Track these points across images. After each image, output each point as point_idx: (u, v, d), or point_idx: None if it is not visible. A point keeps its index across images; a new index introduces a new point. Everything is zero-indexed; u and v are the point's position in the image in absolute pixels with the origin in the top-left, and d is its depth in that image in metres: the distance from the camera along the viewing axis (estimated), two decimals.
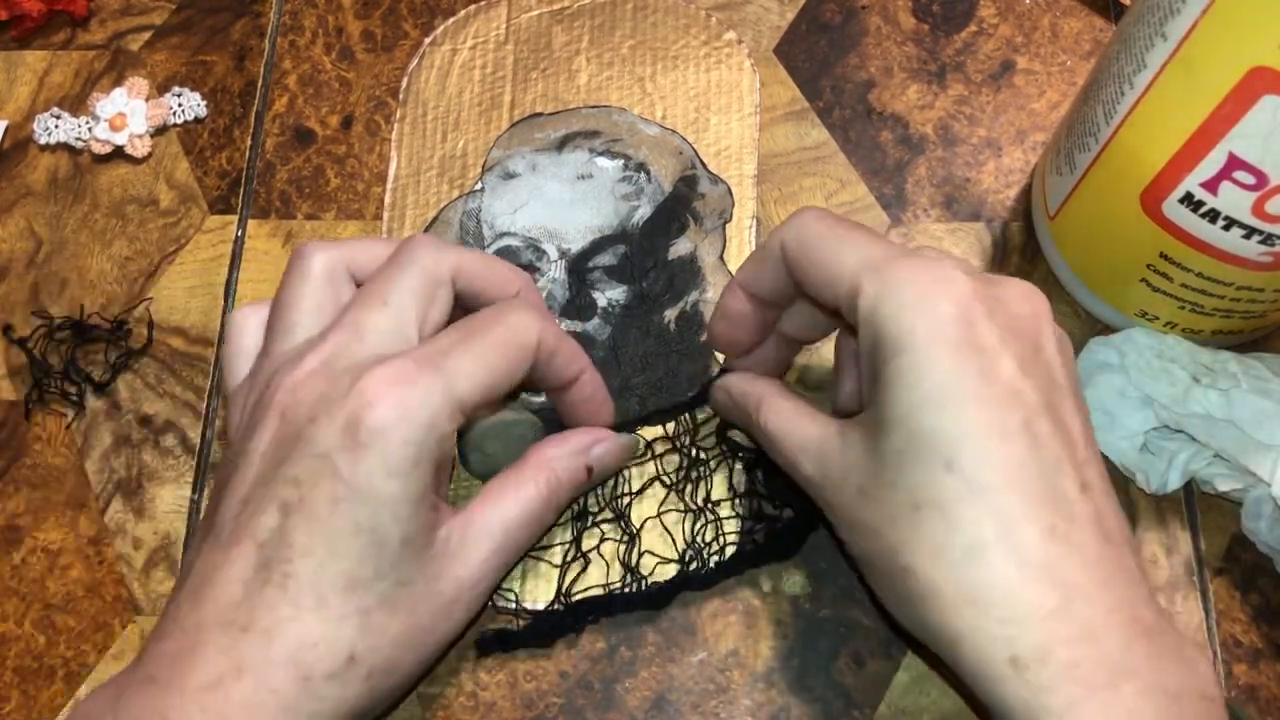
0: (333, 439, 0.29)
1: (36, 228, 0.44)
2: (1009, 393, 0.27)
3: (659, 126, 0.44)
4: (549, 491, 0.34)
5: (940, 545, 0.27)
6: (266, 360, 0.32)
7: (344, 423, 0.29)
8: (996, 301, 0.28)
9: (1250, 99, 0.28)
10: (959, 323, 0.27)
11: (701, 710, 0.36)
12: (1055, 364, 0.29)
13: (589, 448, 0.35)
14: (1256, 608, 0.36)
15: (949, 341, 0.27)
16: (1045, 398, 0.28)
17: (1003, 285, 0.29)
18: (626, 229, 0.42)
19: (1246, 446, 0.35)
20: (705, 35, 0.46)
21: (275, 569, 0.28)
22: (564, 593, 0.37)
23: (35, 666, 0.38)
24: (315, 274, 0.33)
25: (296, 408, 0.30)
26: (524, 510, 0.33)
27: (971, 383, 0.27)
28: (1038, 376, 0.28)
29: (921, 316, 0.27)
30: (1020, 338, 0.28)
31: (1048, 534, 0.26)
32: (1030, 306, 0.29)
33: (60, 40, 0.48)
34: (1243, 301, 0.35)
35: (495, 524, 0.32)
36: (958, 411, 0.27)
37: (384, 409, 0.29)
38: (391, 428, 0.29)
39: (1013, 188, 0.43)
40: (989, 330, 0.27)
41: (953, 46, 0.45)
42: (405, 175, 0.44)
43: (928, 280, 0.28)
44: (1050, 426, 0.27)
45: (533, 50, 0.46)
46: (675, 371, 0.40)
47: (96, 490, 0.40)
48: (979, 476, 0.27)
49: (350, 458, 0.28)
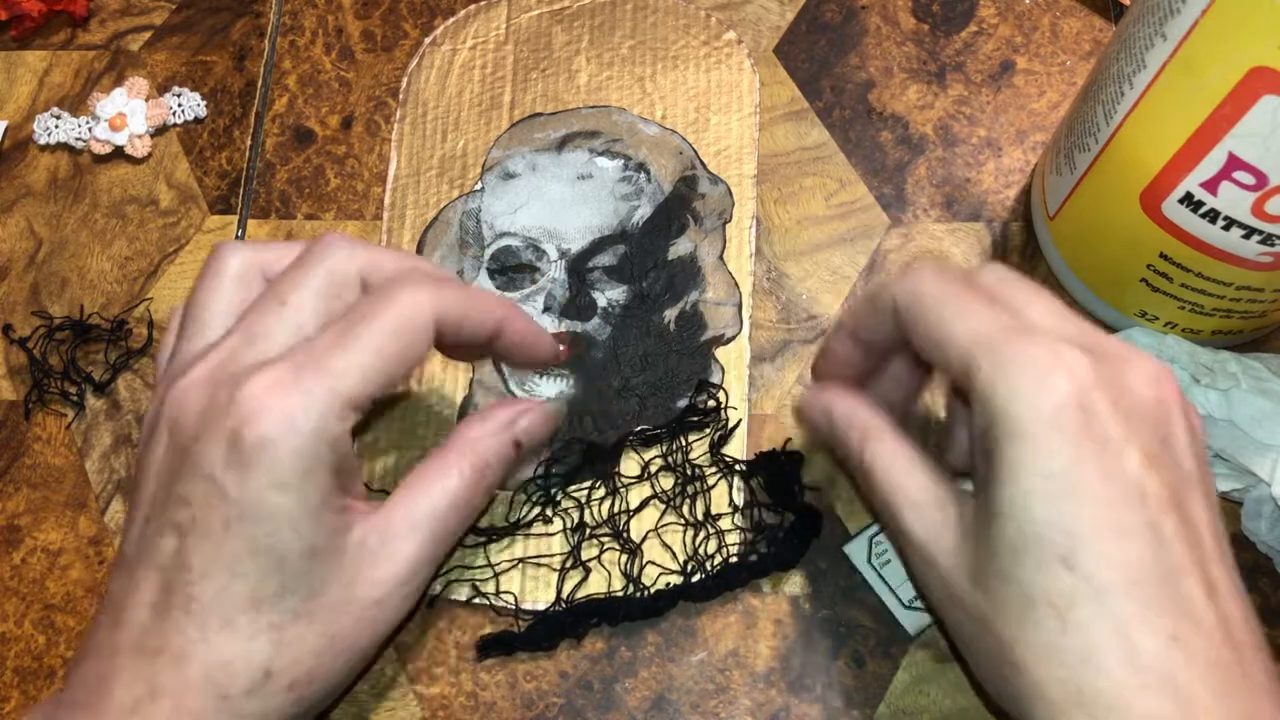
0: (217, 458, 0.28)
1: (36, 228, 0.44)
2: (1132, 489, 0.26)
3: (659, 126, 0.44)
4: (475, 476, 0.32)
5: (1053, 646, 0.26)
6: (171, 364, 0.31)
7: (226, 439, 0.28)
8: (1120, 387, 0.27)
9: (1250, 99, 0.28)
10: (1079, 411, 0.26)
11: (701, 710, 0.36)
12: (1184, 454, 0.27)
13: (514, 421, 0.34)
14: (1257, 608, 0.36)
15: (1068, 431, 0.26)
16: (1171, 492, 0.26)
17: (1129, 365, 0.27)
18: (626, 229, 0.42)
19: (1246, 446, 0.35)
20: (705, 35, 0.46)
21: (178, 592, 0.28)
22: (564, 597, 0.37)
23: (35, 666, 0.38)
24: (228, 274, 0.32)
25: (184, 421, 0.29)
26: (451, 499, 0.32)
27: (1092, 477, 0.26)
28: (1164, 469, 0.26)
29: (1039, 404, 0.26)
30: (1146, 427, 0.26)
31: (1168, 641, 0.25)
32: (1158, 391, 0.27)
33: (60, 40, 0.48)
34: (1242, 301, 0.35)
35: (420, 517, 0.31)
36: (1076, 508, 0.25)
37: (265, 421, 0.27)
38: (275, 440, 0.27)
39: (1013, 188, 0.43)
40: (1112, 419, 0.26)
41: (953, 46, 0.45)
42: (405, 175, 0.44)
43: (1046, 363, 0.26)
44: (1176, 524, 0.26)
45: (533, 50, 0.46)
46: (674, 371, 0.40)
47: (96, 490, 0.40)
48: (1097, 577, 0.25)
49: (236, 476, 0.28)
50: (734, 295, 0.41)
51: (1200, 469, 0.27)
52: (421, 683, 0.36)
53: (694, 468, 0.38)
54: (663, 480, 0.38)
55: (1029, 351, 0.27)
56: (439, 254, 0.42)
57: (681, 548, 0.37)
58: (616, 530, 0.37)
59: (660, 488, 0.38)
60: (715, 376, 0.40)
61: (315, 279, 0.30)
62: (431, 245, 0.43)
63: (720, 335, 0.40)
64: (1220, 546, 0.27)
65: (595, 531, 0.37)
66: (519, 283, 0.41)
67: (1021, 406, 0.26)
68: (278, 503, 0.28)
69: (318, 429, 0.28)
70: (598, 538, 0.37)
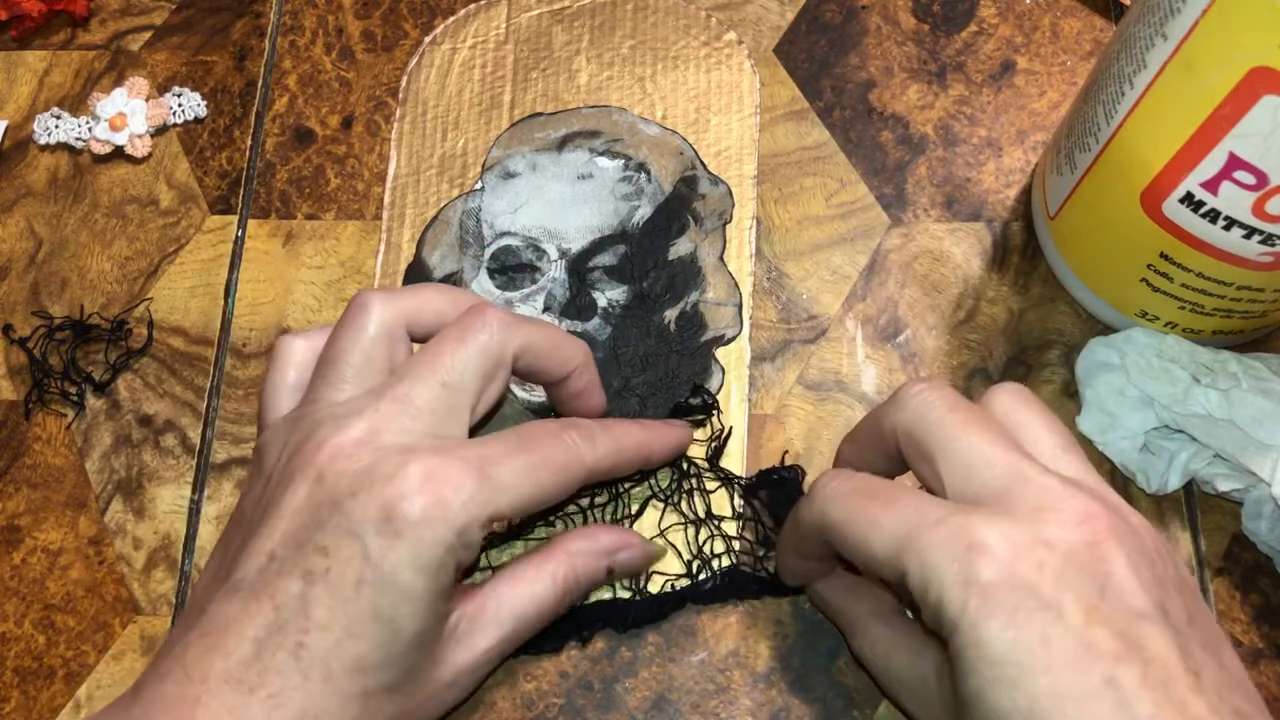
0: (369, 519, 0.28)
1: (36, 228, 0.44)
2: (1079, 648, 0.25)
3: (659, 127, 0.44)
4: (565, 588, 0.33)
5: None
6: (311, 408, 0.32)
7: (383, 506, 0.28)
8: (1045, 547, 0.26)
9: (1250, 99, 0.28)
10: (1006, 589, 0.25)
11: (701, 710, 0.36)
12: (1130, 588, 0.26)
13: (615, 550, 0.35)
14: (1256, 608, 0.36)
15: (1001, 613, 0.25)
16: (1123, 639, 0.25)
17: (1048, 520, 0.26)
18: (627, 229, 0.42)
19: (1246, 446, 0.35)
20: (705, 35, 0.46)
21: (290, 636, 0.28)
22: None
23: (35, 666, 0.38)
24: (372, 327, 0.32)
25: (337, 475, 0.29)
26: (538, 602, 0.33)
27: (1035, 652, 0.25)
28: (1110, 616, 0.25)
29: (960, 596, 0.26)
30: (1080, 576, 0.26)
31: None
32: (1084, 534, 0.26)
33: (60, 40, 0.48)
34: (1243, 301, 0.35)
35: (506, 612, 0.32)
36: (1030, 687, 0.25)
37: (425, 504, 0.29)
38: (428, 525, 0.28)
39: (1013, 188, 0.43)
40: (1041, 584, 0.25)
41: (953, 46, 0.45)
42: (405, 174, 0.44)
43: (962, 552, 0.26)
44: (1138, 672, 0.25)
45: (533, 50, 0.46)
46: (675, 371, 0.40)
47: (96, 490, 0.40)
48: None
49: (383, 543, 0.28)
50: (734, 295, 0.41)
51: (1152, 593, 0.26)
52: None
53: (689, 462, 0.38)
54: (660, 478, 0.38)
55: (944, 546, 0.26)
56: (439, 253, 0.42)
57: (685, 547, 0.37)
58: None
59: (658, 486, 0.38)
60: (715, 377, 0.40)
61: (473, 360, 0.31)
62: (431, 244, 0.43)
63: (720, 335, 0.40)
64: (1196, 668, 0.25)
65: None
66: (519, 282, 0.41)
67: (947, 604, 0.26)
68: (412, 581, 0.29)
69: (465, 528, 0.29)
70: None
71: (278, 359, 0.34)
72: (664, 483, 0.38)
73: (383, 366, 0.32)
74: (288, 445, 0.31)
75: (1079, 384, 0.38)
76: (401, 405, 0.31)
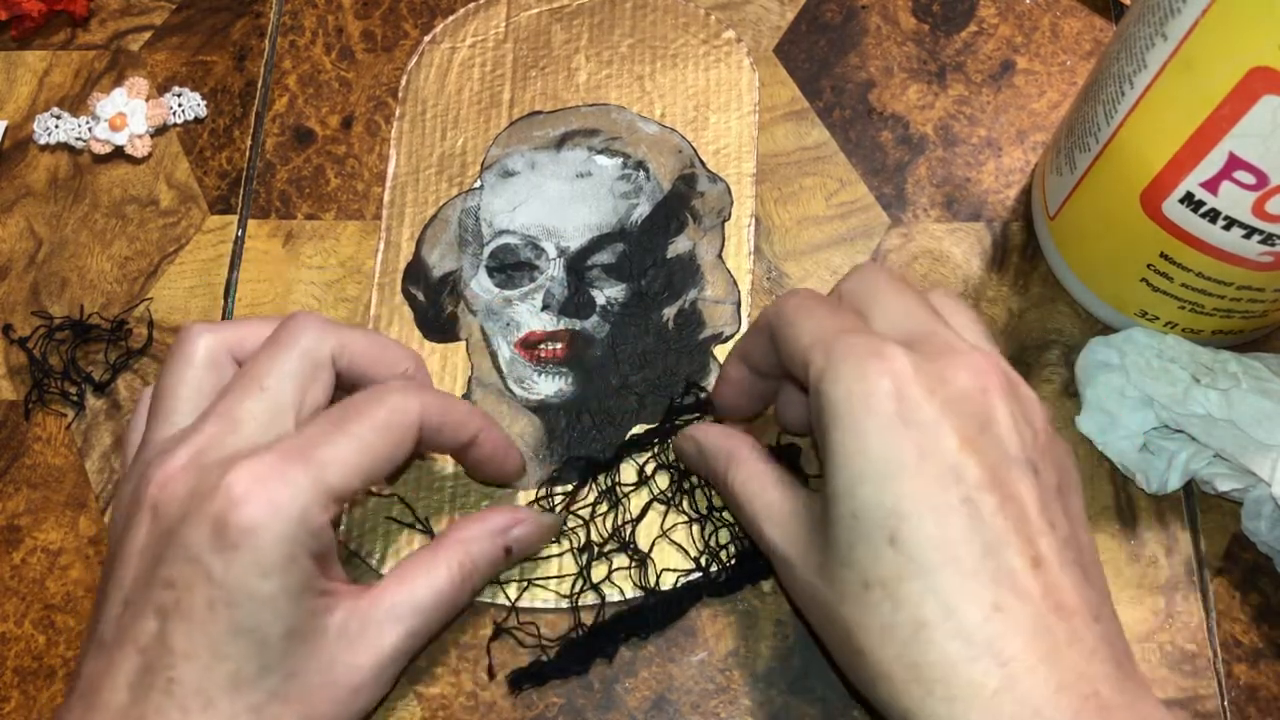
0: (203, 540, 0.28)
1: (36, 228, 0.44)
2: (947, 468, 0.27)
3: (658, 125, 0.44)
4: (462, 576, 0.33)
5: (887, 625, 0.27)
6: (144, 449, 0.32)
7: (213, 523, 0.28)
8: (938, 378, 0.28)
9: (1250, 99, 0.28)
10: (894, 398, 0.27)
11: (701, 710, 0.36)
12: (1008, 436, 0.28)
13: (508, 528, 0.35)
14: (1256, 608, 0.36)
15: (884, 416, 0.27)
16: (991, 472, 0.27)
17: (949, 359, 0.29)
18: (625, 227, 0.42)
19: (1246, 446, 0.35)
20: (704, 34, 0.46)
21: (159, 674, 0.28)
22: (582, 622, 0.36)
23: (35, 666, 0.38)
24: (197, 358, 0.32)
25: (168, 504, 0.29)
26: (435, 593, 0.33)
27: (908, 458, 0.27)
28: (984, 451, 0.27)
29: (857, 392, 0.28)
30: (963, 413, 0.28)
31: (991, 611, 0.26)
32: (978, 380, 0.28)
33: (60, 40, 0.48)
34: (1243, 301, 0.35)
35: (404, 607, 0.32)
36: (896, 486, 0.27)
37: (252, 508, 0.28)
38: (261, 527, 0.28)
39: (1013, 188, 0.43)
40: (927, 406, 0.27)
41: (953, 46, 0.45)
42: (404, 173, 0.44)
43: (865, 355, 0.28)
44: (996, 501, 0.27)
45: (532, 48, 0.46)
46: (673, 369, 0.40)
47: (97, 490, 0.40)
48: (919, 554, 0.27)
49: (222, 560, 0.28)
50: (733, 293, 0.41)
51: (1026, 451, 0.28)
52: (421, 683, 0.36)
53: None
54: (659, 480, 0.38)
55: (852, 347, 0.28)
56: (438, 252, 0.42)
57: (691, 543, 0.37)
58: (624, 543, 0.37)
59: (658, 489, 0.38)
60: (714, 375, 0.40)
61: (290, 362, 0.32)
62: (430, 243, 0.43)
63: (719, 333, 0.41)
64: (1046, 520, 0.28)
65: (603, 550, 0.37)
66: (518, 281, 0.41)
67: (841, 396, 0.28)
68: (262, 587, 0.29)
69: (302, 518, 0.29)
70: (606, 555, 0.37)
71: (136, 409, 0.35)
72: (663, 484, 0.38)
73: (210, 394, 0.32)
74: (124, 493, 0.32)
75: (1079, 384, 0.38)
76: (223, 421, 0.31)
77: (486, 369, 0.40)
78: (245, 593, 0.28)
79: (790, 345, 0.30)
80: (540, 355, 0.40)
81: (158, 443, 0.32)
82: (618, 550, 0.37)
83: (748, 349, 0.34)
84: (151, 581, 0.29)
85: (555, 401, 0.40)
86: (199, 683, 0.28)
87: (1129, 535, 0.37)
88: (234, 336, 0.33)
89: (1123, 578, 0.37)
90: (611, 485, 0.38)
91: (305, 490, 0.29)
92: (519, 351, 0.40)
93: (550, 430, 0.39)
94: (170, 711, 0.28)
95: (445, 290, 0.42)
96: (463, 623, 0.37)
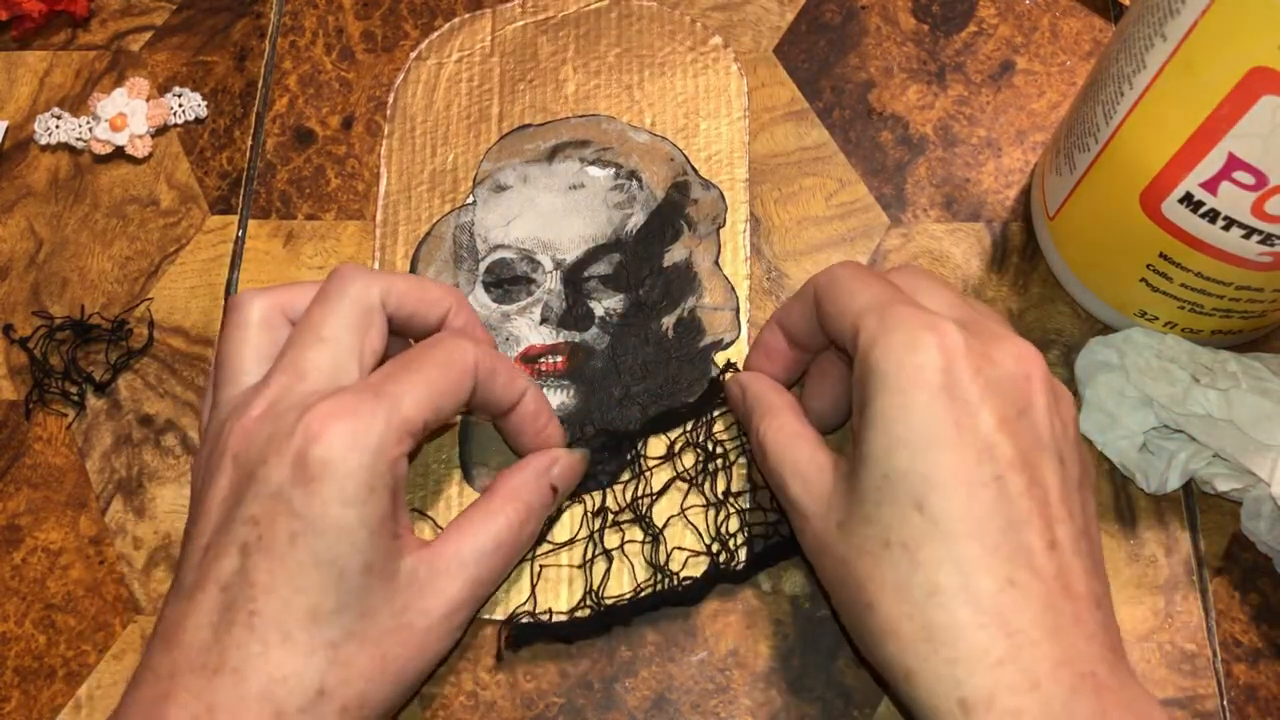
0: (284, 476, 0.29)
1: (37, 228, 0.44)
2: (983, 445, 0.28)
3: (649, 134, 0.44)
4: (520, 519, 0.34)
5: (903, 584, 0.28)
6: (215, 412, 0.33)
7: (293, 459, 0.29)
8: (986, 358, 0.29)
9: (1250, 99, 0.28)
10: (942, 372, 0.28)
11: (701, 710, 0.36)
12: (1042, 424, 0.29)
13: (549, 468, 0.36)
14: (1256, 608, 0.36)
15: (930, 388, 0.28)
16: (1023, 455, 0.28)
17: (997, 343, 0.30)
18: (620, 237, 0.42)
19: (1246, 446, 0.35)
20: (691, 41, 0.46)
21: (240, 609, 0.29)
22: (592, 590, 0.36)
23: (35, 666, 0.38)
24: (253, 321, 0.33)
25: (248, 451, 0.30)
26: (498, 540, 0.33)
27: (947, 430, 0.28)
28: (1019, 434, 0.29)
29: (908, 360, 0.29)
30: (1005, 395, 0.29)
31: (1005, 584, 0.27)
32: (1022, 367, 0.30)
33: (61, 40, 0.48)
34: (1242, 301, 0.35)
35: (468, 555, 0.33)
36: (932, 456, 0.28)
37: (330, 440, 0.29)
38: (340, 458, 0.29)
39: (1013, 188, 0.43)
40: (972, 384, 0.29)
41: (953, 47, 0.45)
42: (396, 191, 0.44)
43: (919, 327, 0.29)
44: (1023, 483, 0.28)
45: (519, 61, 0.46)
46: (675, 378, 0.40)
47: (97, 490, 0.40)
48: (945, 522, 0.28)
49: (303, 492, 0.29)
50: (731, 299, 0.41)
51: (1057, 441, 0.30)
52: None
53: (718, 443, 0.38)
54: (685, 459, 0.38)
55: (907, 316, 0.30)
56: (433, 269, 0.42)
57: (705, 529, 0.37)
58: (639, 515, 0.37)
59: (683, 466, 0.38)
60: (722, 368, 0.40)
61: (343, 311, 0.33)
62: (425, 260, 0.42)
63: (720, 340, 0.40)
64: (1067, 509, 0.29)
65: (617, 518, 0.37)
66: (515, 295, 0.41)
67: (891, 362, 0.29)
68: (342, 516, 0.29)
69: (380, 448, 0.30)
70: (620, 524, 0.37)
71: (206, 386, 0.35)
72: (689, 462, 0.38)
73: (270, 354, 0.33)
74: (204, 454, 0.32)
75: (1078, 384, 0.38)
76: (290, 372, 0.32)
77: None
78: (326, 523, 0.29)
79: (840, 307, 0.31)
80: (541, 369, 0.40)
81: (228, 401, 0.32)
82: (632, 522, 0.37)
83: (787, 316, 0.35)
84: (233, 521, 0.30)
85: (558, 415, 0.39)
86: (279, 615, 0.29)
87: (1129, 535, 0.37)
88: (285, 297, 0.34)
89: (1122, 577, 0.37)
90: (635, 456, 0.38)
91: (380, 422, 0.30)
92: (520, 366, 0.40)
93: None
94: (251, 645, 0.28)
95: None
96: None
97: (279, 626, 0.29)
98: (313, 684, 0.29)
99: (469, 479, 0.39)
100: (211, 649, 0.29)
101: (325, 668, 0.29)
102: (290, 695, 0.29)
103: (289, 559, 0.29)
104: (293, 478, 0.29)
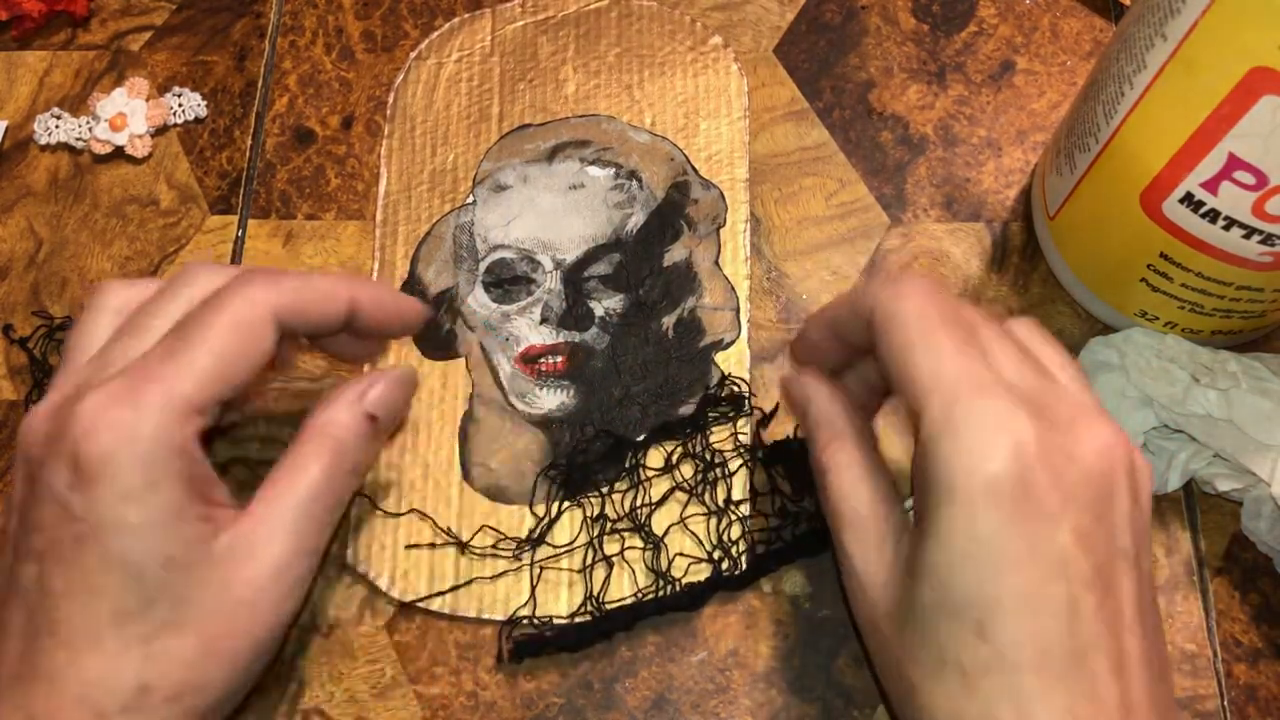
0: (63, 479, 0.28)
1: (37, 228, 0.44)
2: (1056, 564, 0.26)
3: (649, 133, 0.44)
4: (333, 459, 0.31)
5: (956, 708, 0.26)
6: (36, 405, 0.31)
7: (68, 460, 0.28)
8: (1066, 456, 0.26)
9: (1250, 99, 0.28)
10: (1017, 483, 0.26)
11: (701, 710, 0.36)
12: (1121, 527, 0.27)
13: (363, 394, 0.33)
14: (1256, 608, 0.36)
15: (1002, 502, 0.26)
16: (1097, 569, 0.26)
17: (1080, 433, 0.27)
18: (620, 237, 0.42)
19: (1246, 446, 0.35)
20: (691, 40, 0.46)
21: (44, 617, 0.28)
22: (592, 596, 0.36)
23: None
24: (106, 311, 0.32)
25: (31, 451, 0.29)
26: (312, 490, 0.31)
27: (1018, 549, 0.26)
28: (1095, 545, 0.26)
29: (977, 469, 0.26)
30: (1084, 501, 0.26)
31: (1063, 715, 0.25)
32: (1104, 463, 0.27)
33: (60, 40, 0.48)
34: (1242, 301, 0.35)
35: (283, 511, 0.30)
36: (998, 578, 0.26)
37: (101, 435, 0.27)
38: (114, 453, 0.27)
39: (1013, 188, 0.43)
40: (1049, 494, 0.26)
41: (953, 47, 0.45)
42: (396, 191, 0.44)
43: (992, 427, 0.26)
44: (1096, 601, 0.26)
45: (519, 61, 0.46)
46: (675, 378, 0.40)
47: None
48: (1008, 651, 0.26)
49: (81, 496, 0.28)
50: (731, 300, 0.41)
51: (1135, 537, 0.27)
52: (421, 683, 0.36)
53: (715, 453, 0.38)
54: (684, 470, 0.38)
55: (977, 413, 0.26)
56: (433, 269, 0.42)
57: (706, 536, 0.37)
58: (638, 524, 0.37)
59: (682, 477, 0.38)
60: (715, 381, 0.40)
61: (173, 306, 0.31)
62: (425, 260, 0.42)
63: (720, 340, 0.40)
64: (1137, 610, 0.27)
65: (616, 525, 0.37)
66: (515, 295, 0.41)
67: (959, 469, 0.26)
68: (124, 515, 0.28)
69: (157, 437, 0.28)
70: (619, 531, 0.37)
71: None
72: (688, 473, 0.38)
73: None
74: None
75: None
76: (94, 365, 0.30)
77: (488, 385, 0.40)
78: (109, 524, 0.28)
79: (901, 372, 0.28)
80: (541, 369, 0.40)
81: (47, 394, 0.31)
82: (631, 530, 0.37)
83: (841, 325, 0.32)
84: (27, 527, 0.29)
85: (558, 415, 0.39)
86: (82, 621, 0.28)
87: None
88: (145, 292, 0.32)
89: None
90: (634, 465, 0.38)
91: (156, 409, 0.28)
92: (519, 366, 0.40)
93: (554, 444, 0.39)
94: (57, 653, 0.28)
95: (442, 307, 0.41)
96: (463, 623, 0.37)
97: (85, 631, 0.28)
98: (130, 682, 0.28)
99: (469, 479, 0.39)
100: (24, 658, 0.28)
101: (141, 664, 0.28)
102: (108, 696, 0.28)
103: (79, 564, 0.28)
104: (70, 480, 0.28)
